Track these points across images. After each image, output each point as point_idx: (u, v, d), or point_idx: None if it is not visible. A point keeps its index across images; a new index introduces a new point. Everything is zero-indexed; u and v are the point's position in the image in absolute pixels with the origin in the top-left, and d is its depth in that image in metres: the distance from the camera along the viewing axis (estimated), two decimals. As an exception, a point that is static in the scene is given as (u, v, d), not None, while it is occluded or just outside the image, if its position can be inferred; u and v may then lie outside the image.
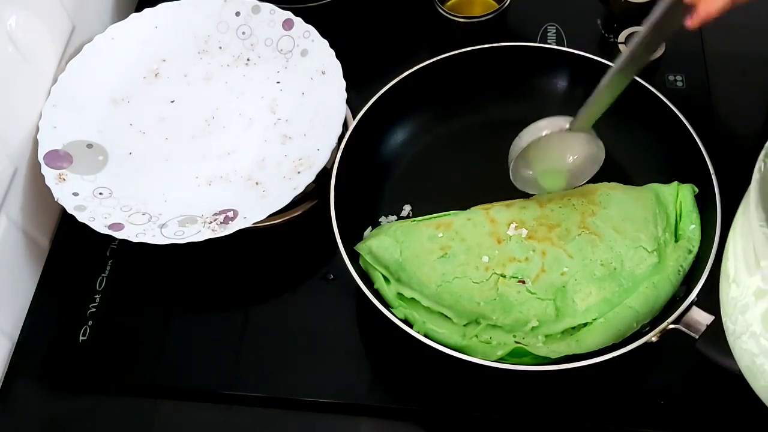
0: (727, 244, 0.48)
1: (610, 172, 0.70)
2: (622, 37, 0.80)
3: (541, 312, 0.60)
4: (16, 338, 0.68)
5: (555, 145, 0.65)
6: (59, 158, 0.70)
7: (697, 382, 0.62)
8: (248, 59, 0.79)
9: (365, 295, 0.61)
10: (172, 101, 0.77)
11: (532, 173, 0.67)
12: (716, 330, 0.57)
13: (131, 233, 0.65)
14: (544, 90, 0.77)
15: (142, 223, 0.67)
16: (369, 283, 0.63)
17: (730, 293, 0.46)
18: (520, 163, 0.66)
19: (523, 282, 0.61)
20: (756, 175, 0.44)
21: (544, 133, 0.64)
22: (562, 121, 0.63)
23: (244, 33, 0.79)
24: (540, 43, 0.82)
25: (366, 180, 0.71)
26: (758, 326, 0.43)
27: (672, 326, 0.58)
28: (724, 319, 0.48)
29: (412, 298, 0.62)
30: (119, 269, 0.71)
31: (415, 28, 0.85)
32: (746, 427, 0.61)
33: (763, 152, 0.45)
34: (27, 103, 0.71)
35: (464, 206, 0.68)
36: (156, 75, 0.78)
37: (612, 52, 0.80)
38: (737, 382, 0.55)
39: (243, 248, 0.70)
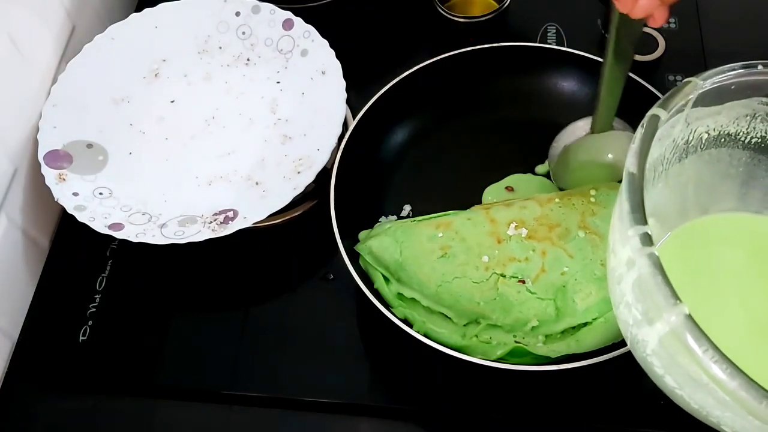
0: (612, 215, 0.48)
1: (610, 172, 0.70)
2: (622, 37, 0.80)
3: (541, 312, 0.60)
4: (16, 338, 0.68)
5: (590, 144, 0.68)
6: (59, 158, 0.70)
7: (697, 382, 0.62)
8: (248, 59, 0.79)
9: (365, 295, 0.61)
10: (172, 101, 0.77)
11: (572, 174, 0.70)
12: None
13: (131, 233, 0.65)
14: (544, 90, 0.77)
15: (142, 223, 0.67)
16: (369, 283, 0.63)
17: (609, 264, 0.47)
18: (561, 166, 0.69)
19: (523, 282, 0.61)
20: (632, 144, 0.45)
21: (579, 134, 0.68)
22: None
23: (244, 33, 0.79)
24: (540, 43, 0.82)
25: (366, 180, 0.71)
26: (630, 296, 0.43)
27: (672, 326, 0.58)
28: (609, 290, 0.48)
29: (412, 298, 0.62)
30: (119, 269, 0.71)
31: (415, 28, 0.85)
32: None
33: (645, 119, 0.46)
34: (27, 103, 0.71)
35: (464, 206, 0.68)
36: (156, 75, 0.79)
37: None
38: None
39: (243, 248, 0.70)
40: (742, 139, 0.53)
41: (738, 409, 0.38)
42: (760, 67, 0.48)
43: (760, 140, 0.53)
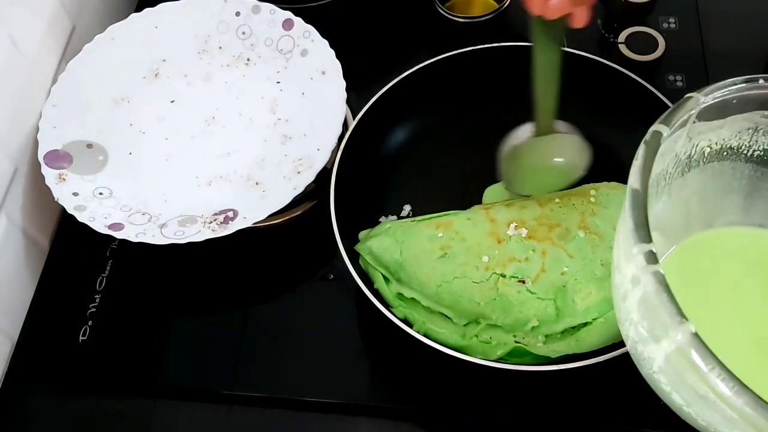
0: (616, 231, 0.48)
1: (610, 172, 0.70)
2: (622, 37, 0.80)
3: (541, 312, 0.60)
4: (16, 338, 0.68)
5: (537, 147, 0.65)
6: (59, 158, 0.70)
7: (697, 382, 0.62)
8: (248, 59, 0.79)
9: (365, 295, 0.61)
10: (172, 101, 0.77)
11: (520, 177, 0.68)
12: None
13: (131, 233, 0.65)
14: (544, 90, 0.76)
15: (142, 223, 0.67)
16: (369, 283, 0.63)
17: (614, 280, 0.46)
18: (508, 169, 0.66)
19: (523, 282, 0.61)
20: (635, 161, 0.45)
21: (520, 140, 0.65)
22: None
23: (244, 33, 0.79)
24: (540, 43, 0.82)
25: (366, 180, 0.71)
26: (635, 313, 0.43)
27: (672, 326, 0.58)
28: (614, 307, 0.48)
29: (412, 298, 0.62)
30: (119, 269, 0.71)
31: (415, 28, 0.85)
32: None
33: (644, 139, 0.45)
34: (27, 103, 0.71)
35: (464, 206, 0.68)
36: (156, 75, 0.79)
37: (612, 52, 0.80)
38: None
39: (243, 248, 0.70)
40: (745, 152, 0.52)
41: (746, 426, 0.38)
42: (761, 81, 0.47)
43: (762, 153, 0.52)
